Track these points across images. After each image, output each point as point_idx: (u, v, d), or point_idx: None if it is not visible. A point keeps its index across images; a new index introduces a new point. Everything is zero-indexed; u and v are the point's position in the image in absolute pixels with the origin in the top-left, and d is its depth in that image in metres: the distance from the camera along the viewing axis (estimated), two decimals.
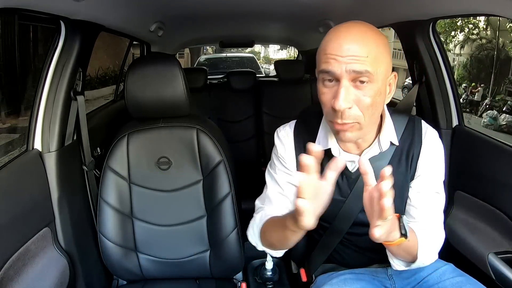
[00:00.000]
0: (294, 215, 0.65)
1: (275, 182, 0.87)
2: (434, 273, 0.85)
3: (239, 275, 1.19)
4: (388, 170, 0.59)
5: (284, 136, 0.87)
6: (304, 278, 0.99)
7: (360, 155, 0.80)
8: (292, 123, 0.89)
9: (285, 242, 0.78)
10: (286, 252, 0.89)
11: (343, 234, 0.87)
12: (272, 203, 0.86)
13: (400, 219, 0.70)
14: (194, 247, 1.10)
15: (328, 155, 0.77)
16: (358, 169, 0.78)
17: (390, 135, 0.80)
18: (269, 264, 1.16)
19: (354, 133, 0.71)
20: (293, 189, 0.84)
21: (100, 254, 1.10)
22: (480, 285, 0.80)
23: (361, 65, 0.64)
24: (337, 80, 0.67)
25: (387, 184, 0.58)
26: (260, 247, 0.87)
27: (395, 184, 0.77)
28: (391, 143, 0.80)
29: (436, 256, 0.83)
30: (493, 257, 0.95)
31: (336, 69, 0.65)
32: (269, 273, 1.17)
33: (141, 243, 1.11)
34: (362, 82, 0.66)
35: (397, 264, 0.82)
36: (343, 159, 0.66)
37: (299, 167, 0.62)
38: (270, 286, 1.16)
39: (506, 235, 0.97)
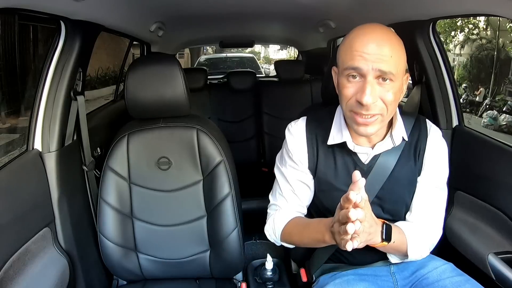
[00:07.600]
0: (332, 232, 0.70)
1: (286, 180, 0.90)
2: (434, 271, 0.86)
3: (239, 275, 1.19)
4: (362, 181, 0.63)
5: (296, 131, 0.89)
6: (304, 278, 0.99)
7: (372, 148, 0.83)
8: (303, 119, 0.91)
9: (312, 245, 0.86)
10: (286, 252, 0.89)
11: None
12: (287, 202, 0.90)
13: (383, 226, 0.74)
14: (194, 247, 1.10)
15: (342, 148, 0.84)
16: (370, 161, 0.84)
17: (401, 131, 0.84)
18: (269, 264, 1.16)
19: (375, 126, 0.75)
20: (303, 186, 0.89)
21: (100, 254, 1.10)
22: (479, 285, 0.80)
23: (386, 65, 0.69)
24: (361, 76, 0.71)
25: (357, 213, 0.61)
26: (278, 243, 0.93)
27: (405, 178, 0.84)
28: (402, 139, 0.84)
29: (428, 252, 0.86)
30: (493, 257, 0.95)
31: (363, 66, 0.69)
32: (269, 273, 1.16)
33: (141, 243, 1.11)
34: (384, 79, 0.71)
35: (392, 257, 0.87)
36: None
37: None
38: (270, 286, 1.16)
39: (506, 235, 0.96)
